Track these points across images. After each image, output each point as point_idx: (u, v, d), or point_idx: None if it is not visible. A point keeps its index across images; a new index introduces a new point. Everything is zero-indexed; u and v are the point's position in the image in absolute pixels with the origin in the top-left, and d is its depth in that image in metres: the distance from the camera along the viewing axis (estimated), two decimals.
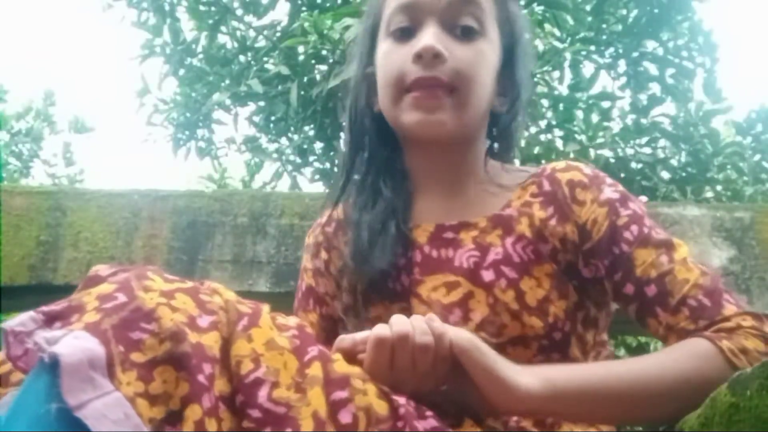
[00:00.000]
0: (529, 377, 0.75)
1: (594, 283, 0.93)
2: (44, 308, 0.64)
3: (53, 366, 0.57)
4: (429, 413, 0.70)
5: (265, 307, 0.71)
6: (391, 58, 0.96)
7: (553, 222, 0.92)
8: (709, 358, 0.79)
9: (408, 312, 0.91)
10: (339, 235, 1.02)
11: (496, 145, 1.04)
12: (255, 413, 0.63)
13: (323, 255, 1.04)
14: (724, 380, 0.65)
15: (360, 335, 0.74)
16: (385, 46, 0.98)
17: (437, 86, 0.92)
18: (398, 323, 0.73)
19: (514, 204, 0.95)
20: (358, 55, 1.06)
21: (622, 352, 2.54)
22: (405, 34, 0.96)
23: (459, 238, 0.94)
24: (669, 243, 0.90)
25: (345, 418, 0.65)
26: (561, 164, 0.98)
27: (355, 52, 1.09)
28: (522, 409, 0.77)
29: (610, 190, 0.94)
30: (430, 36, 0.93)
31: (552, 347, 0.89)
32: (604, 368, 0.82)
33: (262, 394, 0.63)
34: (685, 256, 0.89)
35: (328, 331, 1.02)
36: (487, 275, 0.90)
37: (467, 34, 0.95)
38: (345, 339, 0.75)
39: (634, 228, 0.90)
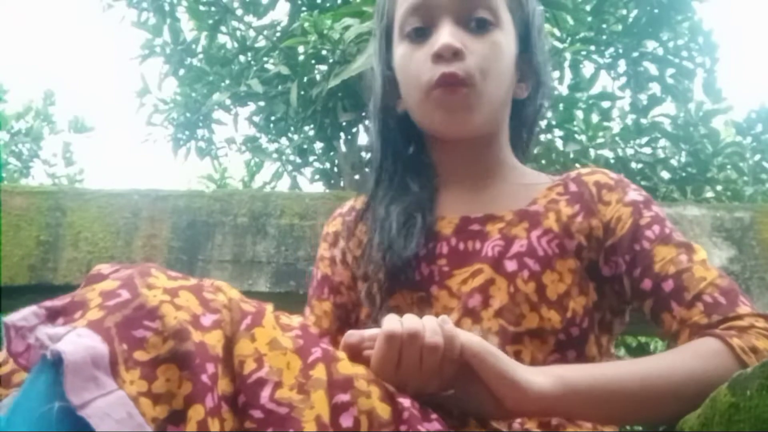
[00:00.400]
0: (542, 376, 0.75)
1: (612, 284, 0.94)
2: (47, 303, 0.63)
3: (56, 364, 0.56)
4: (434, 416, 0.70)
5: (269, 307, 0.71)
6: (411, 62, 0.97)
7: (579, 218, 0.95)
8: (718, 355, 0.80)
9: (427, 301, 0.93)
10: (359, 224, 1.04)
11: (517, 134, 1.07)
12: (257, 413, 0.62)
13: (341, 244, 1.06)
14: None
15: (368, 332, 0.74)
16: (401, 50, 0.99)
17: (458, 84, 0.93)
18: (410, 321, 0.73)
19: (540, 201, 0.98)
20: (375, 57, 1.07)
21: (622, 352, 2.53)
22: (420, 35, 0.97)
23: (485, 230, 0.96)
24: (689, 245, 0.92)
25: (346, 422, 0.64)
26: (586, 169, 1.03)
27: (371, 53, 1.11)
28: (535, 408, 0.76)
29: (635, 193, 0.97)
30: (446, 34, 0.93)
31: (569, 344, 0.90)
32: (614, 367, 0.83)
33: (265, 394, 0.63)
34: (705, 258, 0.91)
35: (342, 321, 1.04)
36: (510, 265, 0.92)
37: (482, 27, 0.96)
38: (353, 335, 0.75)
39: (656, 227, 0.93)
